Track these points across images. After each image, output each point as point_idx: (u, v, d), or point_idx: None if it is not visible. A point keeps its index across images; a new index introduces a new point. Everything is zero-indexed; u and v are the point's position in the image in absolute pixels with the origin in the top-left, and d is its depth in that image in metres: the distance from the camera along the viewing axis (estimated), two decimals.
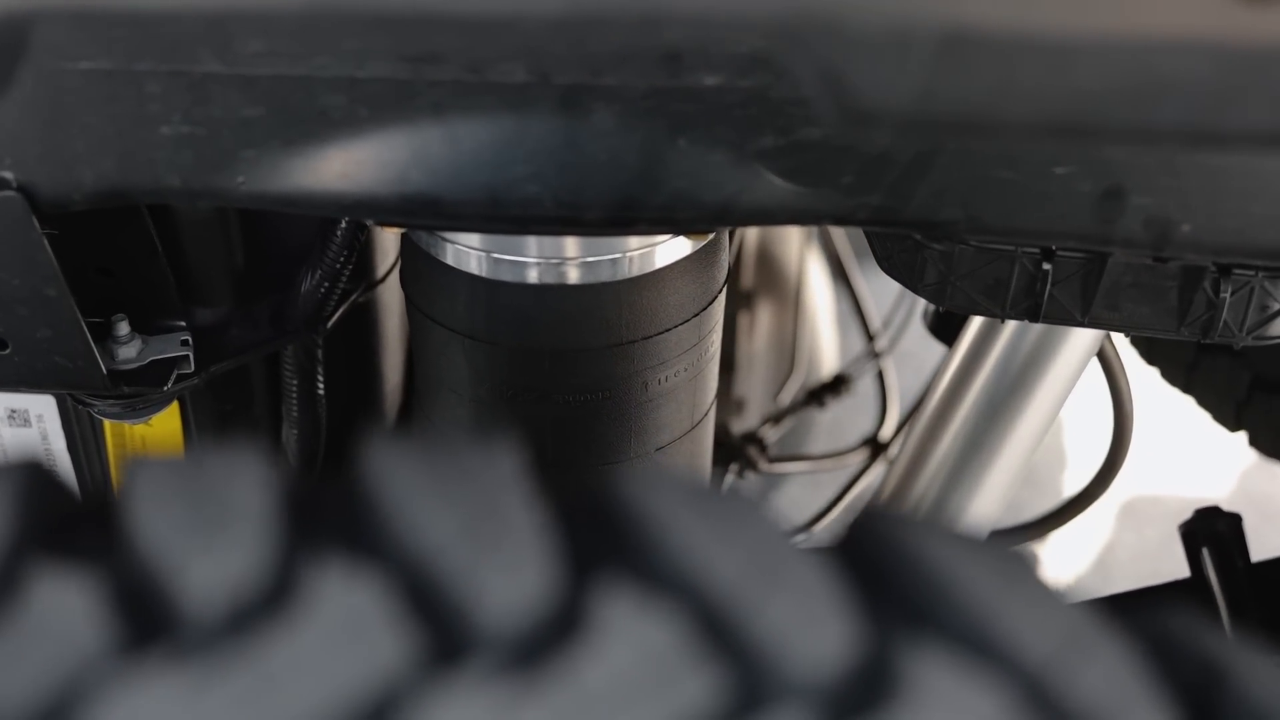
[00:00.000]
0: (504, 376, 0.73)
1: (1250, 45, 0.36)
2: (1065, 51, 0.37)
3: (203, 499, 0.30)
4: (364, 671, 0.28)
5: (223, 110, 0.61)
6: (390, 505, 0.31)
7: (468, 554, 0.30)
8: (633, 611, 0.30)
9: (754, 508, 0.34)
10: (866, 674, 0.30)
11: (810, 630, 0.30)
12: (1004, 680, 0.30)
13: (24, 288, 0.68)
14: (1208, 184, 0.57)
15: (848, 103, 0.41)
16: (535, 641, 0.29)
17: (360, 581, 0.29)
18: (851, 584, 0.32)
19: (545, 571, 0.30)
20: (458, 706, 0.28)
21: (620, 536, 0.32)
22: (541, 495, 0.33)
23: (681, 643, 0.29)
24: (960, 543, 0.33)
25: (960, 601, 0.31)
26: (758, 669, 0.29)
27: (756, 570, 0.30)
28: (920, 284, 0.70)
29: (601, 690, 0.28)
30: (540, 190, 0.61)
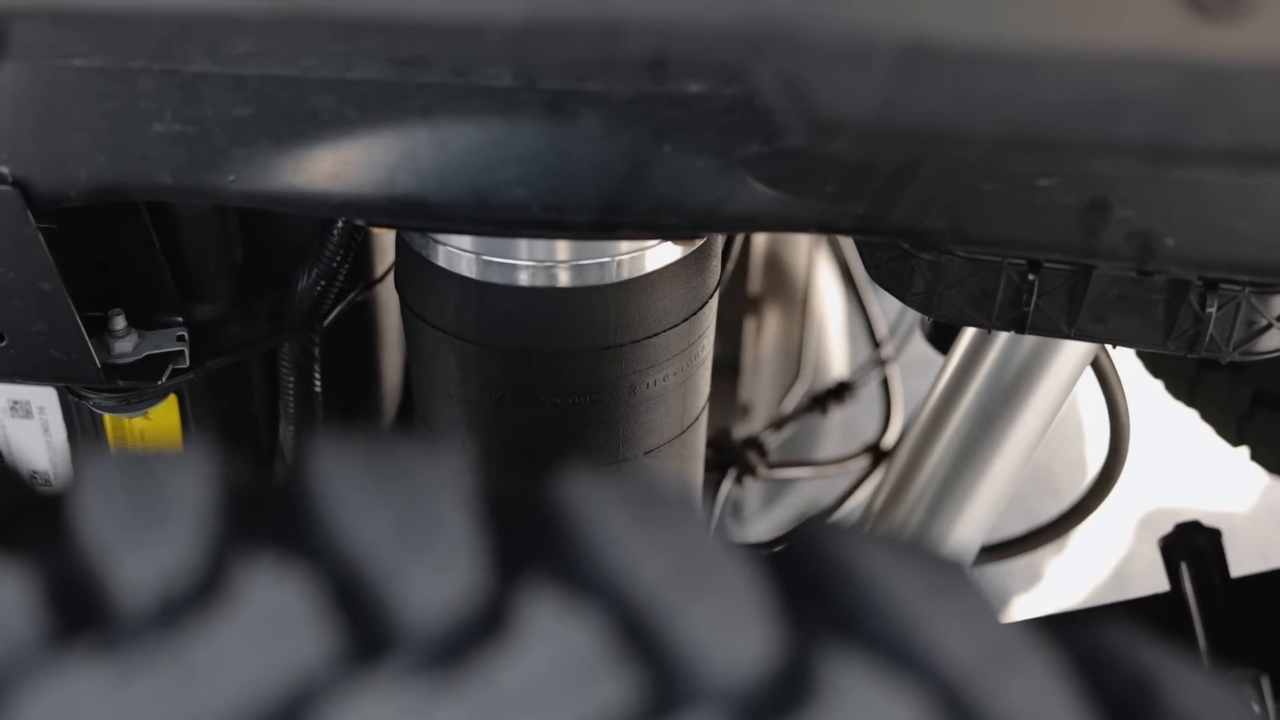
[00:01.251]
0: (493, 377, 0.73)
1: (1209, 62, 0.36)
2: (1025, 65, 0.37)
3: (145, 495, 0.31)
4: (284, 666, 0.28)
5: (214, 109, 0.61)
6: (326, 504, 0.32)
7: (397, 554, 0.30)
8: (554, 614, 0.30)
9: (694, 512, 0.34)
10: (785, 680, 0.30)
11: (730, 635, 0.30)
12: (923, 690, 0.30)
13: (19, 282, 0.69)
14: (1191, 198, 0.57)
15: (812, 112, 0.41)
16: (457, 641, 0.30)
17: (288, 578, 0.30)
18: (781, 591, 0.32)
19: (472, 573, 0.31)
20: (372, 703, 0.28)
21: (553, 539, 0.33)
22: (480, 498, 0.33)
23: (601, 645, 0.30)
24: (897, 554, 0.33)
25: (888, 611, 0.31)
26: (675, 672, 0.30)
27: (683, 575, 0.31)
28: (908, 293, 0.70)
29: (517, 690, 0.28)
30: (526, 193, 0.61)
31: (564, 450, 0.76)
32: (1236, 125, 0.37)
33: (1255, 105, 0.37)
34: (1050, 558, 2.27)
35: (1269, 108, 0.37)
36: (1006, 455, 0.86)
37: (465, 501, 0.32)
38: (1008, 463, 0.87)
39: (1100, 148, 0.40)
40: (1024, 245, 0.61)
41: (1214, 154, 0.38)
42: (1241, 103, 0.37)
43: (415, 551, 0.30)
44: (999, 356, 0.83)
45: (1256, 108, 0.37)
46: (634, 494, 0.33)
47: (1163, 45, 0.35)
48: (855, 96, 0.39)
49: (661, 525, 0.33)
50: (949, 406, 0.87)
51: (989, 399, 0.84)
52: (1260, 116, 0.37)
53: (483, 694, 0.28)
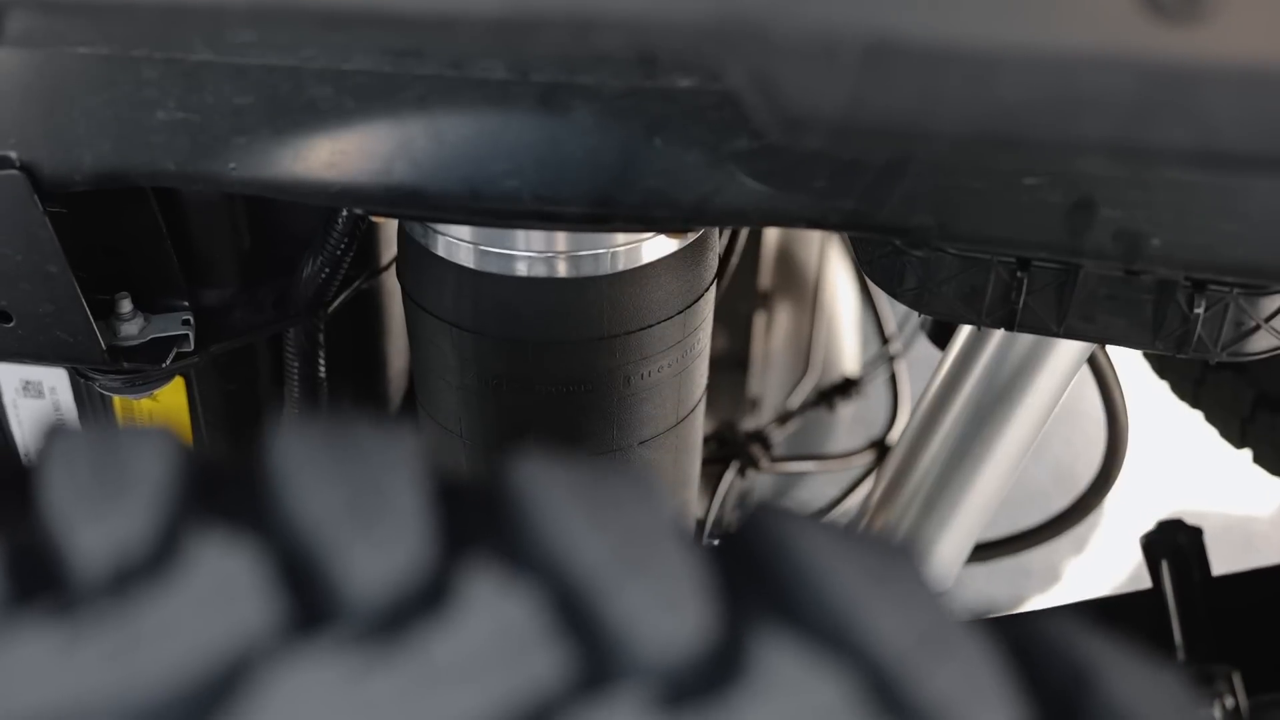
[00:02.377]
0: (489, 366, 0.74)
1: (1170, 64, 0.36)
2: (987, 64, 0.37)
3: (106, 469, 0.32)
4: (226, 633, 0.29)
5: (215, 98, 0.63)
6: (281, 481, 0.33)
7: (344, 529, 0.31)
8: (493, 588, 0.31)
9: (644, 495, 0.35)
10: (717, 658, 0.31)
11: (665, 614, 0.31)
12: (852, 671, 0.31)
13: (26, 264, 0.71)
14: (1177, 199, 0.57)
15: (782, 108, 0.42)
16: (398, 614, 0.31)
17: (236, 549, 0.31)
18: (722, 572, 0.33)
19: (417, 548, 0.32)
20: (307, 671, 0.29)
21: (501, 518, 0.34)
22: (432, 478, 0.34)
23: (536, 620, 0.31)
24: (841, 539, 0.34)
25: (825, 594, 0.32)
26: (607, 648, 0.30)
27: (624, 554, 0.31)
28: (899, 289, 0.70)
29: (450, 661, 0.29)
30: (519, 185, 0.62)
31: (559, 439, 0.77)
32: (1196, 127, 0.38)
33: (1214, 107, 0.37)
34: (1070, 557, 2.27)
35: (1227, 110, 0.37)
36: (1001, 452, 0.87)
37: (416, 480, 0.33)
38: (1002, 460, 0.87)
39: (1063, 147, 0.40)
40: (1011, 243, 0.61)
41: (1175, 155, 0.39)
42: (1200, 105, 0.37)
43: (362, 526, 0.31)
44: (993, 355, 0.83)
45: (1215, 110, 0.37)
46: (585, 476, 0.34)
47: (1123, 47, 0.36)
48: (823, 93, 0.40)
49: (609, 506, 0.33)
50: (944, 404, 0.87)
51: (984, 397, 0.84)
52: (1219, 119, 0.37)
53: (416, 664, 0.29)
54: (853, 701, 0.30)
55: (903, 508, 0.92)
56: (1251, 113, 0.37)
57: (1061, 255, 0.61)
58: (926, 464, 0.90)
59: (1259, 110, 0.37)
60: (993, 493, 0.90)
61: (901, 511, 0.93)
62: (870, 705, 0.30)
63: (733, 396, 1.54)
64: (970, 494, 0.89)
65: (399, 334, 1.04)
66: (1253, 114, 0.37)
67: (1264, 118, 0.37)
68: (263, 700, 0.28)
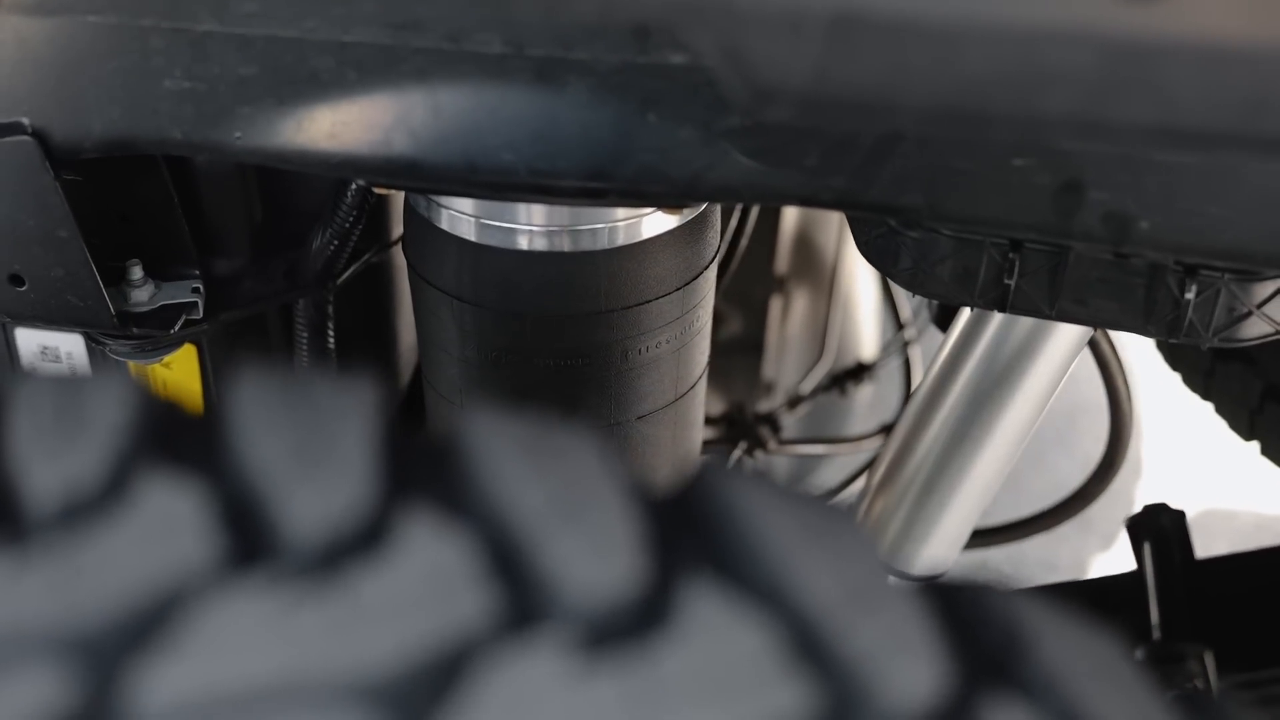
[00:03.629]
0: (488, 338, 0.76)
1: (1132, 40, 0.37)
2: (952, 38, 0.38)
3: (68, 412, 0.33)
4: (165, 568, 0.30)
5: (221, 68, 0.64)
6: (233, 427, 0.34)
7: (288, 472, 0.33)
8: (428, 532, 0.32)
9: (588, 449, 0.36)
10: (645, 606, 0.32)
11: (595, 562, 0.32)
12: (776, 622, 0.32)
13: (38, 229, 0.72)
14: (1165, 182, 0.58)
15: (751, 80, 0.43)
16: (334, 555, 0.32)
17: (182, 490, 0.32)
18: (660, 526, 0.34)
19: (358, 493, 0.33)
20: (237, 604, 0.30)
21: (446, 468, 0.35)
22: (382, 429, 0.35)
23: (468, 564, 0.32)
24: (781, 499, 0.35)
25: (759, 550, 0.33)
26: (535, 593, 0.31)
27: (560, 504, 0.32)
28: (894, 269, 0.71)
29: (377, 599, 0.30)
30: (515, 158, 0.63)
31: (558, 411, 0.78)
32: (1158, 103, 0.38)
33: (1175, 84, 0.37)
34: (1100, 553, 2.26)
35: (1188, 87, 0.37)
36: (1000, 436, 0.87)
37: (365, 430, 0.34)
38: (1001, 443, 0.87)
39: (1027, 122, 0.41)
40: (1000, 224, 0.62)
41: (1137, 131, 0.39)
42: (1162, 81, 0.38)
43: (306, 471, 0.33)
44: (992, 338, 0.83)
45: (1176, 87, 0.37)
46: (532, 431, 0.35)
47: (1085, 23, 0.36)
48: (790, 65, 0.40)
49: (552, 459, 0.34)
50: (944, 387, 0.87)
51: (983, 380, 0.85)
52: (1180, 95, 0.38)
53: (345, 601, 0.31)
54: (774, 651, 0.31)
55: (902, 490, 0.93)
56: (1212, 90, 0.37)
57: (1051, 237, 0.62)
58: (926, 446, 0.90)
59: (1219, 87, 0.37)
60: (992, 475, 0.90)
61: (901, 493, 0.93)
62: (791, 655, 0.31)
63: (747, 379, 1.54)
64: (969, 477, 0.90)
65: (409, 308, 1.05)
66: (1213, 91, 0.37)
67: (1224, 95, 0.37)
68: (192, 630, 0.30)
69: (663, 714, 0.29)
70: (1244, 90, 0.38)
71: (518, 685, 0.29)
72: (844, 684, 0.31)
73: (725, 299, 1.50)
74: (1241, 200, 0.57)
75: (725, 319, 1.50)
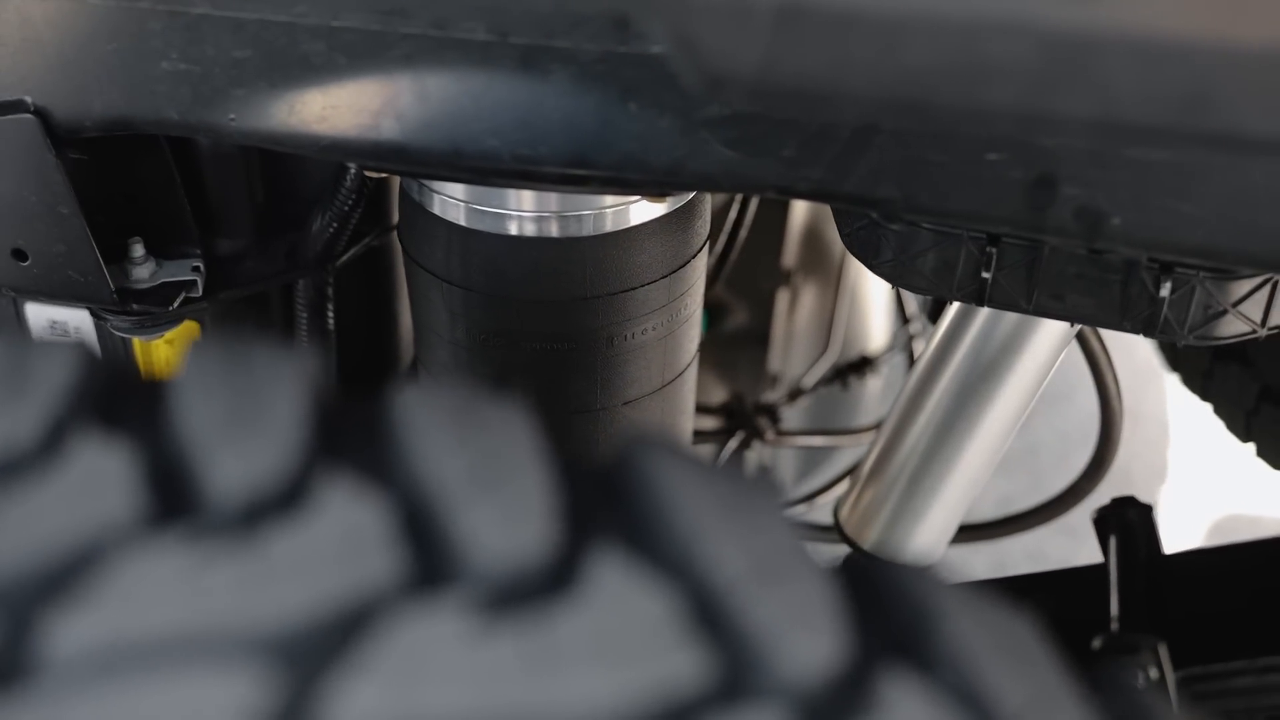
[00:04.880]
0: (477, 321, 0.77)
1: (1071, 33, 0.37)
2: (896, 28, 0.39)
3: (11, 376, 0.35)
4: (86, 522, 0.32)
5: (215, 50, 0.65)
6: (173, 394, 0.36)
7: (215, 436, 0.34)
8: (344, 496, 0.33)
9: (513, 421, 0.37)
10: (553, 572, 0.33)
11: (504, 529, 0.33)
12: (678, 591, 0.33)
13: (40, 205, 0.74)
14: (1136, 179, 0.58)
15: (702, 67, 0.44)
16: (252, 515, 0.33)
17: (109, 449, 0.34)
18: (576, 496, 0.35)
19: (282, 457, 0.34)
20: (149, 560, 0.32)
21: (372, 436, 0.36)
22: (317, 399, 0.37)
23: (381, 528, 0.33)
24: (702, 473, 0.36)
25: (671, 521, 0.34)
26: (445, 557, 0.33)
27: (477, 473, 0.34)
28: (875, 261, 0.72)
29: (289, 558, 0.32)
30: (499, 144, 0.64)
31: (543, 395, 0.79)
32: (1097, 97, 0.39)
33: (1114, 78, 0.38)
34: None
35: (1127, 81, 0.38)
36: (985, 430, 0.87)
37: (296, 398, 0.36)
38: (987, 437, 0.88)
39: (969, 113, 0.42)
40: (975, 218, 0.62)
41: (1078, 124, 0.40)
42: (1101, 75, 0.38)
43: (233, 434, 0.34)
44: (978, 333, 0.84)
45: (1115, 80, 0.38)
46: (459, 403, 0.36)
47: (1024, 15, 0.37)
48: (740, 54, 0.41)
49: (475, 430, 0.36)
50: (930, 381, 0.88)
51: (969, 375, 0.85)
52: (1119, 89, 0.38)
53: (256, 558, 0.32)
54: (673, 619, 0.32)
55: (891, 481, 0.94)
56: (1152, 84, 0.38)
57: (1024, 231, 0.62)
58: (914, 438, 0.91)
59: (1159, 82, 0.38)
60: (979, 468, 0.91)
61: (890, 484, 0.94)
62: (690, 624, 0.32)
63: (753, 371, 1.55)
64: (956, 469, 0.90)
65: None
66: (1153, 86, 0.38)
67: (1164, 90, 0.38)
68: (105, 582, 0.31)
69: (556, 675, 0.30)
70: (1184, 85, 0.39)
71: (415, 643, 0.31)
72: (740, 654, 0.32)
73: (732, 291, 1.51)
74: (1212, 198, 0.58)
75: (731, 311, 1.51)
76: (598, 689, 0.30)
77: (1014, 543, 1.47)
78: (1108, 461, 0.98)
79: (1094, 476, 1.00)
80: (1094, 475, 0.99)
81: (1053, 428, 2.57)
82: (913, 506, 0.93)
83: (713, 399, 1.45)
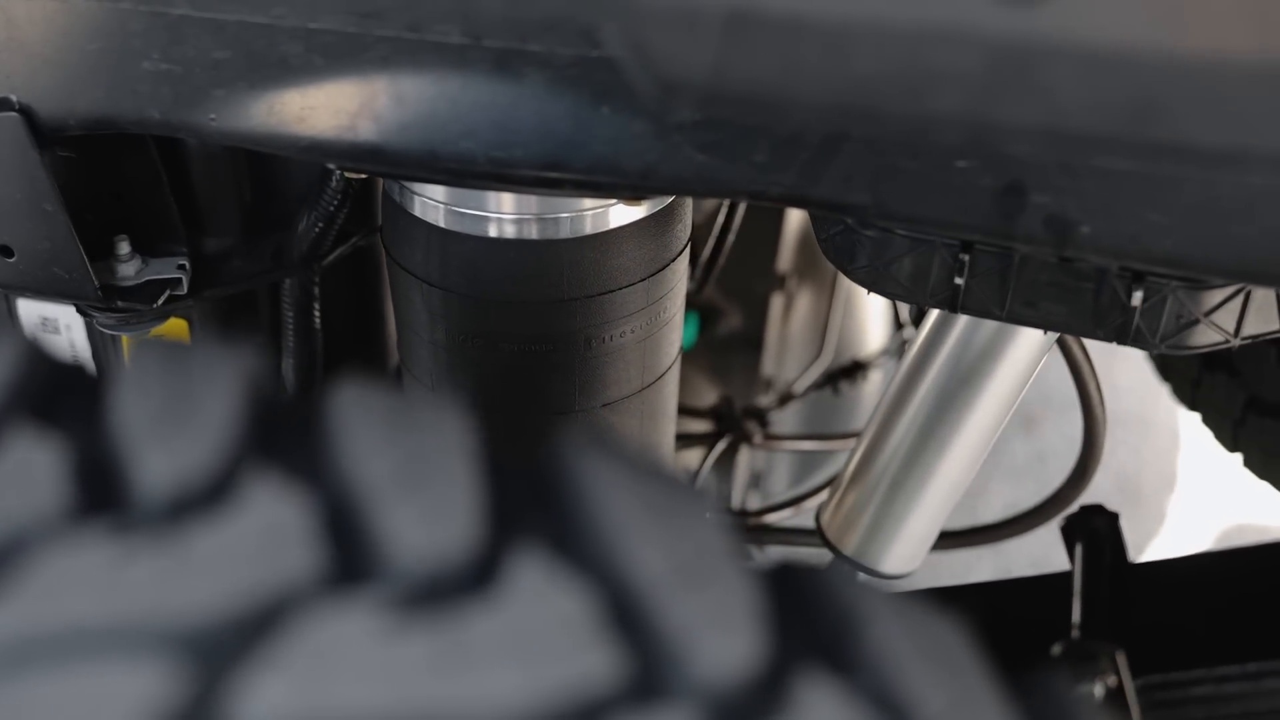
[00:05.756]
0: (455, 322, 0.77)
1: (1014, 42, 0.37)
2: (843, 35, 0.39)
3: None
4: (13, 515, 0.32)
5: (196, 51, 0.66)
6: (110, 392, 0.36)
7: (147, 434, 0.35)
8: (270, 494, 0.34)
9: (444, 421, 0.37)
10: (474, 571, 0.33)
11: (426, 528, 0.33)
12: (596, 591, 0.33)
13: (25, 202, 0.75)
14: (1105, 188, 0.58)
15: (655, 74, 0.44)
16: (179, 511, 0.34)
17: (43, 446, 0.34)
18: (502, 495, 0.35)
19: (210, 455, 0.35)
20: (76, 555, 0.32)
21: (305, 435, 0.36)
22: (251, 397, 0.37)
23: (303, 525, 0.33)
24: (632, 473, 0.36)
25: (596, 522, 0.34)
26: (364, 554, 0.33)
27: (403, 474, 0.34)
28: (851, 267, 0.72)
29: (208, 553, 0.32)
30: (475, 146, 0.65)
31: (521, 396, 0.80)
32: (1042, 106, 0.39)
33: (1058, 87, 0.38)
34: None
35: (1071, 90, 0.38)
36: (965, 437, 0.88)
37: (230, 397, 0.36)
38: (966, 445, 0.88)
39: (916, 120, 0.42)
40: (946, 224, 0.62)
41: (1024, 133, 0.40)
42: (1045, 84, 0.38)
43: (163, 431, 0.35)
44: (958, 340, 0.84)
45: (1059, 89, 0.38)
46: (393, 403, 0.37)
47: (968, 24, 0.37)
48: (690, 60, 0.42)
49: (404, 430, 0.36)
50: (910, 388, 0.88)
51: (948, 382, 0.86)
52: (1064, 98, 0.39)
53: (176, 552, 0.32)
54: (589, 619, 0.33)
55: (870, 487, 0.94)
56: (1097, 93, 0.38)
57: (995, 239, 0.62)
58: (893, 445, 0.91)
59: (1104, 91, 0.38)
60: (958, 475, 0.91)
61: (870, 491, 0.94)
62: (607, 625, 0.33)
63: (747, 375, 1.55)
64: (935, 476, 0.90)
65: None
66: (1098, 94, 0.38)
67: (1109, 98, 0.38)
68: (26, 574, 0.32)
69: (465, 673, 0.31)
70: (1129, 94, 0.39)
71: (326, 640, 0.31)
72: (654, 654, 0.32)
73: (726, 294, 1.51)
74: (1180, 208, 0.58)
75: (725, 314, 1.52)
76: (507, 687, 0.30)
77: (1018, 549, 1.47)
78: (1090, 471, 0.98)
79: (1077, 485, 0.99)
80: (1076, 484, 0.99)
81: (1063, 435, 2.56)
82: (893, 512, 0.93)
83: (705, 402, 1.46)
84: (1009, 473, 2.63)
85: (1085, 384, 0.91)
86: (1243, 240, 0.58)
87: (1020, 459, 2.64)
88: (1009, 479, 2.51)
